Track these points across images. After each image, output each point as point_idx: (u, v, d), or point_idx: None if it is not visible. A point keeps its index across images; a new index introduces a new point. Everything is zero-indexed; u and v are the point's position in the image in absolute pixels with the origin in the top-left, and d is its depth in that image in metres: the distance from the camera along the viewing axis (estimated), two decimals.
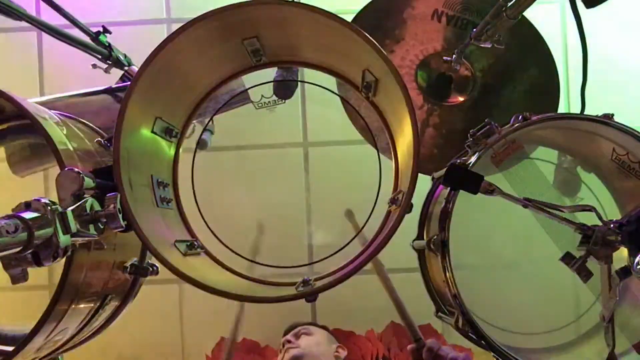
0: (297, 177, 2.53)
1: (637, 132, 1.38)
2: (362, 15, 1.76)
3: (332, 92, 1.40)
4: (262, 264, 1.36)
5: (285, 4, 1.15)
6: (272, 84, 1.59)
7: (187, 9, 2.46)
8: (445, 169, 1.21)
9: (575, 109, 1.49)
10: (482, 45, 1.59)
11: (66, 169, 1.03)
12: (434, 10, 1.77)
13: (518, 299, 1.49)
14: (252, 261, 1.38)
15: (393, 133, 1.30)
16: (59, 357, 1.32)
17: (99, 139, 1.28)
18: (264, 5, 1.16)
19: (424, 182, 1.59)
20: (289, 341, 2.11)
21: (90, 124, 1.40)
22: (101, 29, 1.63)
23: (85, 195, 1.00)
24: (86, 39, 1.60)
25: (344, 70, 1.32)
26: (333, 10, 1.11)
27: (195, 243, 1.29)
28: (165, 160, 1.32)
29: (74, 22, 1.60)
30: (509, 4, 1.43)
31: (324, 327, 2.24)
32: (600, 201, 1.47)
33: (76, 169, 1.01)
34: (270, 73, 1.51)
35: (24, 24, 1.44)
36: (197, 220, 1.32)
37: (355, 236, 1.35)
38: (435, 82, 1.80)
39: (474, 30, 1.58)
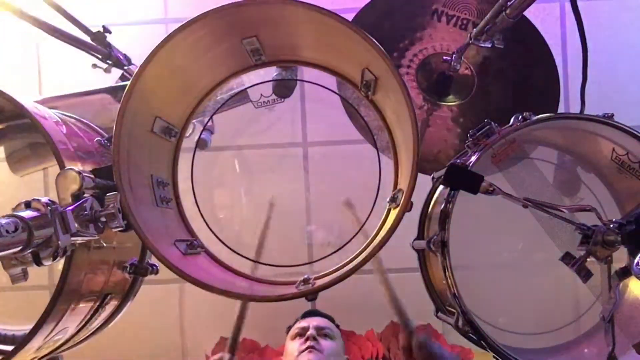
0: (296, 176, 2.52)
1: (637, 132, 1.38)
2: (363, 14, 1.76)
3: (332, 91, 1.40)
4: (262, 263, 1.36)
5: (285, 3, 1.15)
6: (271, 83, 1.58)
7: (186, 8, 2.46)
8: (445, 169, 1.21)
9: (575, 109, 1.49)
10: (482, 45, 1.59)
11: (66, 168, 1.03)
12: (434, 10, 1.77)
13: (518, 299, 1.49)
14: (252, 260, 1.38)
15: (393, 132, 1.30)
16: (59, 356, 1.32)
17: (99, 138, 1.28)
18: (264, 4, 1.16)
19: (424, 182, 1.59)
20: (314, 338, 2.02)
21: (90, 124, 1.40)
22: (101, 29, 1.62)
23: (85, 195, 1.00)
24: (86, 38, 1.60)
25: (344, 69, 1.32)
26: (333, 9, 1.11)
27: (195, 242, 1.29)
28: (165, 159, 1.32)
29: (74, 22, 1.59)
30: (509, 3, 1.43)
31: (337, 325, 2.20)
32: (600, 201, 1.47)
33: (76, 169, 1.01)
34: (270, 72, 1.51)
35: (23, 22, 1.44)
36: (197, 220, 1.32)
37: (354, 235, 1.35)
38: (435, 82, 1.80)
39: (474, 29, 1.58)
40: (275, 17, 1.19)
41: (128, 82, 1.14)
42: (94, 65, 1.67)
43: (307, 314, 2.17)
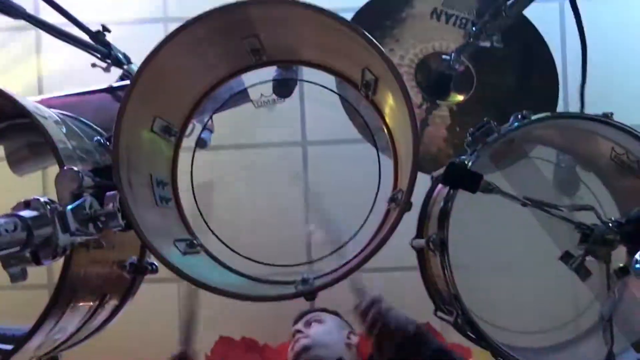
0: (296, 175, 2.52)
1: (636, 131, 1.38)
2: (362, 14, 1.76)
3: (332, 90, 1.40)
4: (261, 263, 1.35)
5: (285, 3, 1.15)
6: (271, 82, 1.59)
7: (185, 7, 2.46)
8: (444, 168, 1.21)
9: (574, 108, 1.50)
10: (481, 44, 1.59)
11: (65, 167, 1.03)
12: (433, 9, 1.77)
13: (517, 298, 1.49)
14: (251, 260, 1.38)
15: (392, 132, 1.30)
16: (58, 355, 1.32)
17: (98, 137, 1.28)
18: (264, 4, 1.16)
19: (424, 181, 1.59)
20: (299, 331, 2.04)
21: (90, 123, 1.40)
22: (100, 28, 1.62)
23: (84, 194, 1.00)
24: (85, 37, 1.60)
25: (344, 69, 1.32)
26: (332, 8, 1.11)
27: (195, 242, 1.29)
28: (165, 159, 1.32)
29: (73, 21, 1.59)
30: (509, 2, 1.43)
31: (335, 313, 2.19)
32: (599, 200, 1.47)
33: (75, 168, 1.01)
34: (270, 72, 1.51)
35: (22, 22, 1.44)
36: (197, 219, 1.32)
37: (354, 235, 1.35)
38: (434, 81, 1.80)
39: (474, 29, 1.58)
40: (276, 17, 1.19)
41: (128, 82, 1.14)
42: (94, 65, 1.66)
43: (298, 318, 2.15)
